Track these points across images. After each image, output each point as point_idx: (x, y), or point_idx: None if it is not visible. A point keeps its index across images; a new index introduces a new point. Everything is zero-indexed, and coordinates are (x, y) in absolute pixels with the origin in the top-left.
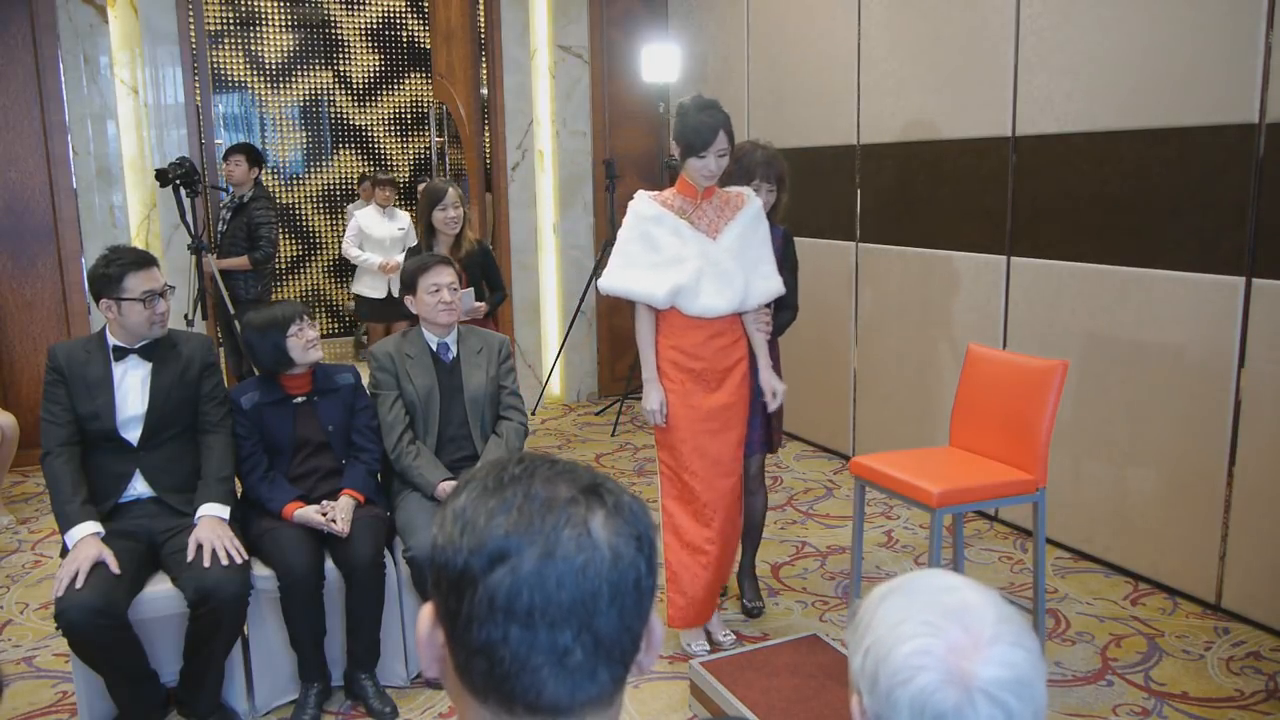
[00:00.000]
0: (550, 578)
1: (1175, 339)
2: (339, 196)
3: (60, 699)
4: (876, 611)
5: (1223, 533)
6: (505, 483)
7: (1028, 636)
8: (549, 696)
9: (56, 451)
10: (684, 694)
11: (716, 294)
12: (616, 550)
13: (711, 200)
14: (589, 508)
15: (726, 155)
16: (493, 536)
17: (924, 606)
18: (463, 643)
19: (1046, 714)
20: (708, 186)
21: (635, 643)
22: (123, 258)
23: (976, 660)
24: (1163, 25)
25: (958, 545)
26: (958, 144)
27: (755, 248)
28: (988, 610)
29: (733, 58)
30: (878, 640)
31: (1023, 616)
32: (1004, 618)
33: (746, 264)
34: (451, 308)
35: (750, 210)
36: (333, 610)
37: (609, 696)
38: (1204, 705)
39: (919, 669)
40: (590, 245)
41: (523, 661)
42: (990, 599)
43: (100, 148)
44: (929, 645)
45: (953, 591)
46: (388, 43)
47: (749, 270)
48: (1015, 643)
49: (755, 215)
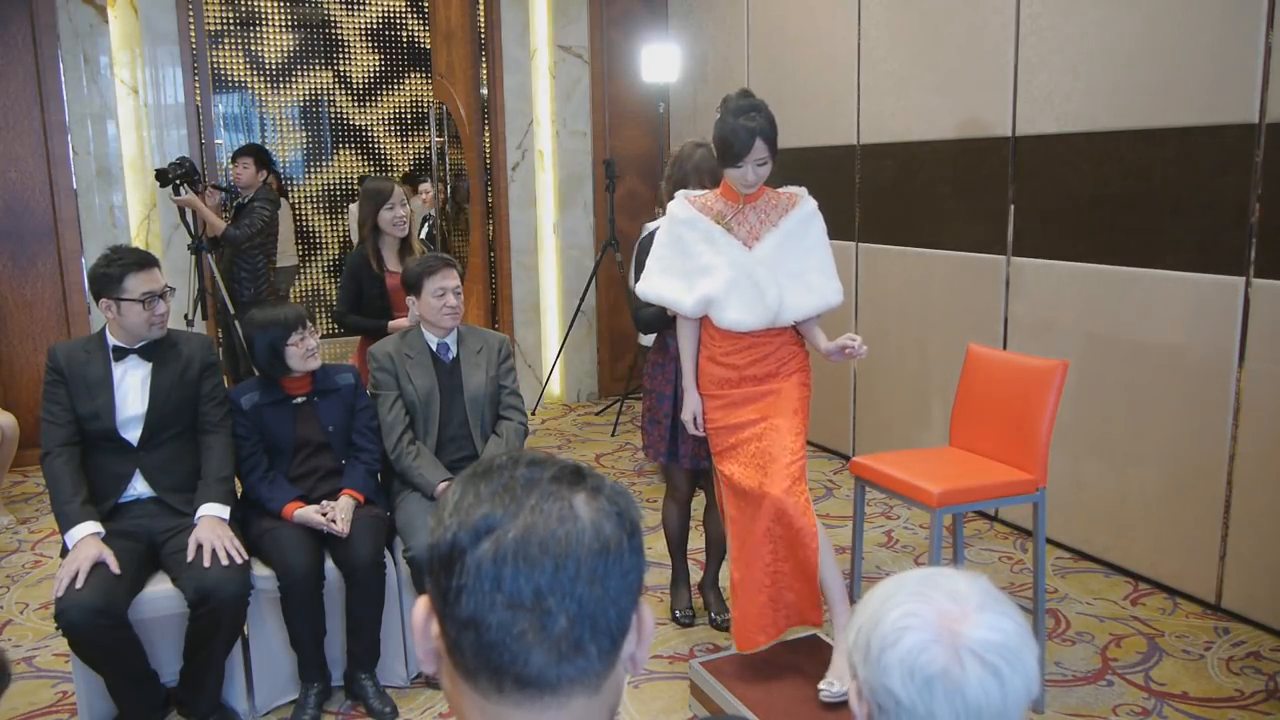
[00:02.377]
0: (533, 545)
1: (1175, 339)
2: (339, 196)
3: (60, 699)
4: (869, 599)
5: (1223, 533)
6: (491, 470)
7: (1016, 613)
8: (534, 667)
9: (56, 452)
10: (684, 694)
11: (745, 308)
12: (598, 525)
13: (757, 204)
14: (571, 486)
15: (767, 164)
16: (479, 513)
17: (915, 581)
18: (453, 618)
19: (1039, 688)
20: (755, 189)
21: (623, 620)
22: (124, 258)
23: (964, 623)
24: (1163, 25)
25: (958, 545)
26: (958, 144)
27: (798, 257)
28: (975, 586)
29: (733, 58)
30: (869, 615)
31: (1014, 605)
32: (994, 598)
33: (784, 276)
34: (455, 311)
35: (797, 215)
36: (333, 610)
37: (596, 675)
38: (1204, 705)
39: (906, 629)
40: (590, 245)
41: (507, 630)
42: (979, 582)
43: (100, 148)
44: (917, 608)
45: (942, 574)
46: (388, 43)
47: (786, 283)
48: (1003, 613)
49: (802, 220)
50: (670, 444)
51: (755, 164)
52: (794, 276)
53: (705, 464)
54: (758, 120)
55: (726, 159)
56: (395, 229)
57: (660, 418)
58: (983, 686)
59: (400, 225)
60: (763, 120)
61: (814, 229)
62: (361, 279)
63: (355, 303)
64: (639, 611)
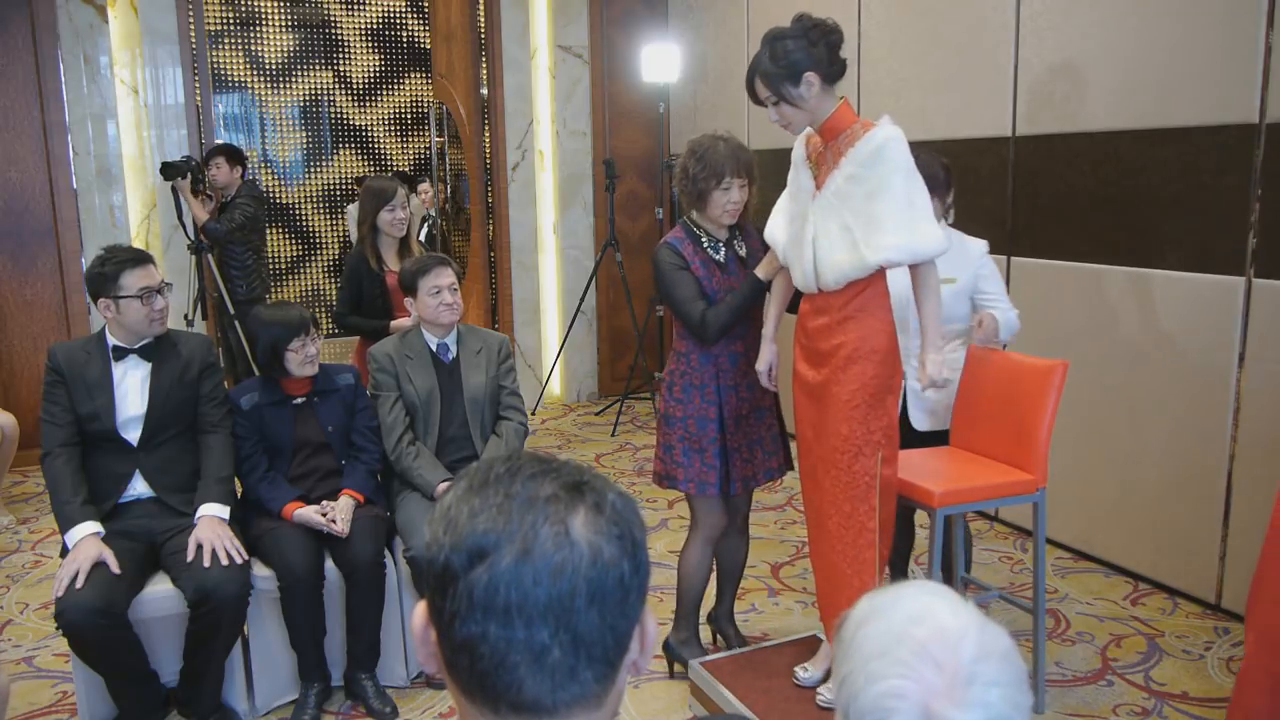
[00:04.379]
0: (527, 575)
1: (1175, 339)
2: (339, 196)
3: (60, 699)
4: (854, 639)
5: (1223, 533)
6: (489, 481)
7: (1008, 669)
8: (529, 694)
9: (56, 452)
10: (684, 694)
11: (795, 265)
12: (596, 548)
13: (839, 138)
14: (570, 505)
15: (780, 104)
16: (472, 534)
17: (897, 641)
18: (448, 639)
19: None
20: (828, 126)
21: (621, 642)
22: (118, 256)
23: (949, 704)
24: (1163, 25)
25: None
26: (958, 144)
27: (854, 206)
28: (965, 643)
29: (733, 58)
30: (851, 673)
31: (1005, 634)
32: (981, 651)
33: (835, 227)
34: (453, 308)
35: (857, 153)
36: (333, 610)
37: (595, 697)
38: (1204, 705)
39: (890, 711)
40: (590, 245)
41: (501, 658)
42: (968, 623)
43: (100, 148)
44: (900, 687)
45: (926, 620)
46: (388, 43)
47: (830, 238)
48: (992, 681)
49: (864, 160)
50: (723, 470)
51: (769, 104)
52: (844, 229)
53: (752, 485)
54: (758, 53)
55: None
56: (394, 230)
57: (705, 445)
58: None
59: (399, 227)
60: (761, 52)
61: (873, 175)
62: (362, 278)
63: (356, 303)
64: (641, 622)
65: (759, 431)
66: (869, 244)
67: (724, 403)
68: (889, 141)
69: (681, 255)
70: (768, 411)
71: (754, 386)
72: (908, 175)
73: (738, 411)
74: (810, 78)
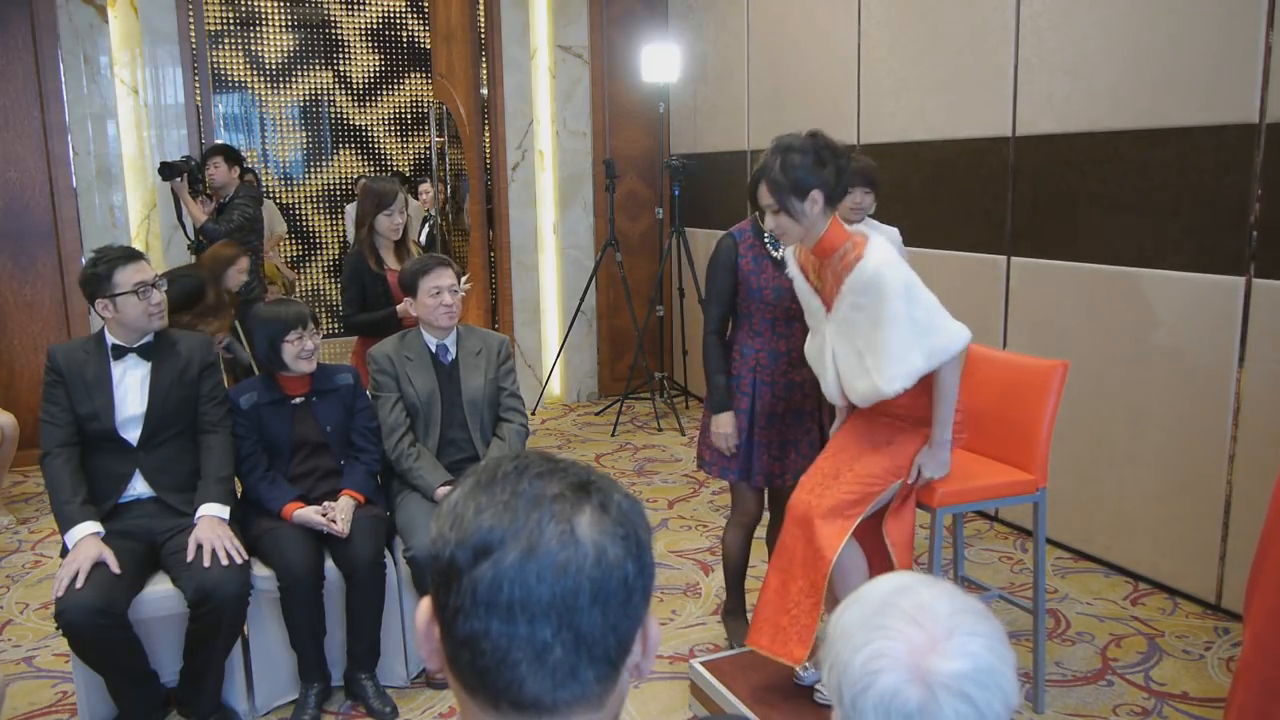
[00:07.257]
0: (530, 573)
1: (1175, 339)
2: (339, 196)
3: (60, 699)
4: (836, 627)
5: (1223, 533)
6: (496, 479)
7: (985, 623)
8: (530, 693)
9: (56, 452)
10: (684, 694)
11: (821, 376)
12: (601, 548)
13: (831, 258)
14: (575, 505)
15: (781, 213)
16: (478, 530)
17: (876, 612)
18: (451, 635)
19: (1019, 696)
20: (822, 246)
21: (623, 644)
22: (109, 255)
23: (934, 655)
24: (1163, 25)
25: (958, 545)
26: (958, 144)
27: (864, 330)
28: (941, 603)
29: (733, 58)
30: (837, 655)
31: (981, 605)
32: (958, 609)
33: (849, 350)
34: (452, 310)
35: (855, 279)
36: (333, 610)
37: (596, 697)
38: (1204, 705)
39: (878, 672)
40: (590, 245)
41: (503, 655)
42: (944, 592)
43: (100, 148)
44: (885, 648)
45: (905, 592)
46: (388, 43)
47: (848, 360)
48: (972, 632)
49: (863, 288)
50: (743, 460)
51: (769, 211)
52: (859, 355)
53: (778, 482)
54: (767, 159)
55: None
56: (391, 234)
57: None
58: (959, 716)
59: (396, 231)
60: (770, 159)
61: (871, 300)
62: (363, 278)
63: (362, 302)
64: (644, 624)
65: (795, 434)
66: (881, 373)
67: (757, 396)
68: (880, 269)
69: (738, 247)
70: (808, 416)
71: (793, 387)
72: (907, 295)
73: (771, 409)
74: (815, 195)
